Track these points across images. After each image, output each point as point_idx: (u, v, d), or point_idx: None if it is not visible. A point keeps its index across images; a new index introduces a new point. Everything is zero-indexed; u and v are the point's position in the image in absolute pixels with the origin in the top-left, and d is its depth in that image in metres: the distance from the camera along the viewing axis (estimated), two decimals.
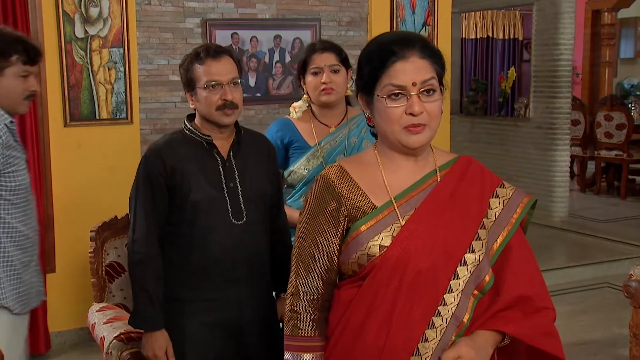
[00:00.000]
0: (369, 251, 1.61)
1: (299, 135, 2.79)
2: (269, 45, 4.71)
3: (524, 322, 1.62)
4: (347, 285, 1.67)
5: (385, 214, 1.63)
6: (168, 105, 4.43)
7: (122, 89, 4.19)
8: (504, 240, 1.67)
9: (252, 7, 4.64)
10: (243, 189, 2.35)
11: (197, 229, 2.30)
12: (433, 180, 1.68)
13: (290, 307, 1.69)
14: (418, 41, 1.64)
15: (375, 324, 1.59)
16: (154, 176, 2.29)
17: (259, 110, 4.74)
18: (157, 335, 2.28)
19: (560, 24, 6.58)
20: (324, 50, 2.72)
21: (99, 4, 4.08)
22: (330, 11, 4.88)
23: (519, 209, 1.70)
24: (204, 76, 2.30)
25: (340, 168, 1.71)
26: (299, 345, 1.67)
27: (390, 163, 1.69)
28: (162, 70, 4.37)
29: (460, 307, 1.60)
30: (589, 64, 10.23)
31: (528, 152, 6.95)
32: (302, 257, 1.70)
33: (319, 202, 1.69)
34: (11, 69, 2.32)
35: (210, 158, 2.34)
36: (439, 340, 1.59)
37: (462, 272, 1.61)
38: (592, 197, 8.28)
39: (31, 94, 2.38)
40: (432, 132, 1.63)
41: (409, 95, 1.59)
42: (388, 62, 1.61)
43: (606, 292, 5.18)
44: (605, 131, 8.18)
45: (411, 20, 5.06)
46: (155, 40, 4.37)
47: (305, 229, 1.71)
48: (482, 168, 1.73)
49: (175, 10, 4.42)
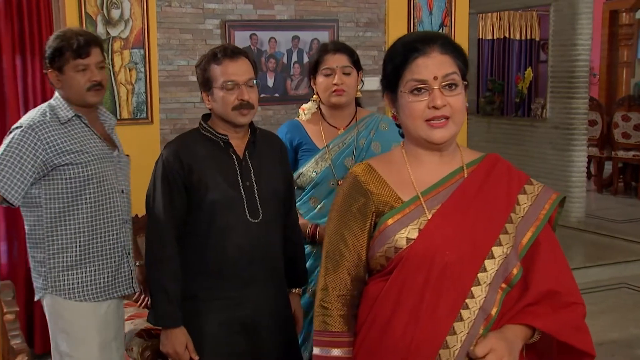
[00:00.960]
0: (396, 244, 1.61)
1: (307, 137, 2.76)
2: (287, 46, 4.71)
3: (553, 317, 1.61)
4: (375, 280, 1.68)
5: (412, 208, 1.64)
6: (187, 105, 4.44)
7: (143, 90, 4.21)
8: (532, 236, 1.66)
9: (270, 8, 4.63)
10: (259, 188, 2.35)
11: (214, 228, 2.30)
12: (460, 177, 1.68)
13: (320, 302, 1.70)
14: (439, 38, 1.65)
15: (402, 317, 1.59)
16: (172, 175, 2.29)
17: (277, 111, 4.73)
18: (177, 332, 2.29)
19: (578, 25, 6.51)
20: (336, 52, 2.69)
21: (120, 5, 4.10)
22: (348, 12, 4.86)
23: (547, 205, 1.69)
24: (221, 76, 2.30)
25: (368, 165, 1.73)
26: (328, 340, 1.68)
27: (417, 160, 1.70)
28: (181, 71, 4.39)
29: (488, 300, 1.59)
30: (607, 64, 10.11)
31: (545, 153, 6.88)
32: (331, 253, 1.71)
33: (347, 199, 1.71)
34: (68, 66, 2.41)
35: (227, 157, 2.34)
36: (467, 334, 1.58)
37: (490, 265, 1.60)
38: (609, 198, 8.19)
39: (93, 84, 2.42)
40: (455, 126, 1.64)
41: (430, 90, 1.61)
42: (410, 58, 1.62)
43: (623, 293, 5.13)
44: (623, 131, 8.09)
45: (428, 21, 5.03)
46: (175, 41, 4.38)
47: (334, 225, 1.72)
48: (509, 166, 1.74)
49: (195, 12, 4.43)
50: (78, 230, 2.42)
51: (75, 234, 2.42)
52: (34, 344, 4.02)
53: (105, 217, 2.46)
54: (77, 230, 2.42)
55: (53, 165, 2.37)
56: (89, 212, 2.43)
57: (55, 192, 2.40)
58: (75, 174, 2.39)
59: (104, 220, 2.46)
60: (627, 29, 9.88)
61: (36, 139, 2.35)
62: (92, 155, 2.43)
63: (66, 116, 2.43)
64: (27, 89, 3.97)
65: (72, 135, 2.43)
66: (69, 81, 2.43)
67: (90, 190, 2.42)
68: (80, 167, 2.40)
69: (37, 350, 4.01)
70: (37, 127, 2.38)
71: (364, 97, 2.89)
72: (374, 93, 4.85)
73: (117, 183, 2.51)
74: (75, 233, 2.42)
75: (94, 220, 2.44)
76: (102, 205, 2.45)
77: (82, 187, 2.41)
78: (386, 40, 4.96)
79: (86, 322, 2.45)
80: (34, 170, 2.35)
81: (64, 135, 2.41)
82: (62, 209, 2.41)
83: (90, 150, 2.43)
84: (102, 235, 2.46)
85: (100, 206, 2.45)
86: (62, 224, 2.42)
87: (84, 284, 2.44)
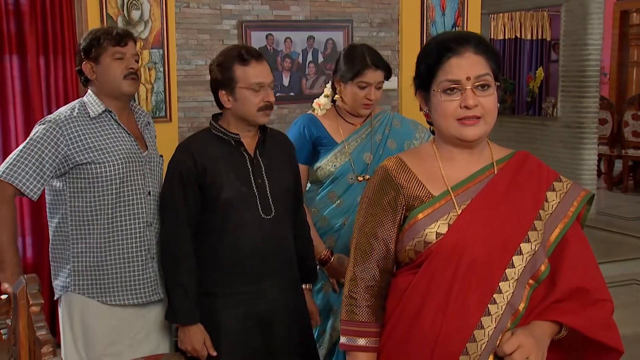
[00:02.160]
0: (426, 238, 1.61)
1: (325, 132, 2.74)
2: (303, 46, 4.71)
3: (581, 313, 1.60)
4: (404, 273, 1.68)
5: (442, 203, 1.63)
6: (205, 104, 4.45)
7: (162, 89, 4.23)
8: (560, 232, 1.65)
9: (286, 9, 4.64)
10: (271, 185, 2.36)
11: (228, 225, 2.31)
12: (490, 173, 1.68)
13: (348, 293, 1.70)
14: (473, 38, 1.64)
15: (431, 310, 1.59)
16: (187, 175, 2.29)
17: (292, 109, 4.74)
18: (195, 329, 2.29)
19: (589, 25, 6.46)
20: (377, 68, 2.64)
21: (140, 7, 4.12)
22: (362, 13, 4.85)
23: (576, 203, 1.68)
24: (250, 77, 2.29)
25: (399, 159, 1.72)
26: (355, 330, 1.68)
27: (447, 155, 1.69)
28: (199, 70, 4.40)
29: (515, 296, 1.59)
30: (617, 63, 10.02)
31: (556, 151, 6.84)
32: (360, 245, 1.71)
33: (377, 192, 1.70)
34: (105, 54, 2.40)
35: (239, 156, 2.35)
36: (495, 328, 1.57)
37: (518, 261, 1.60)
38: (619, 195, 8.13)
39: (130, 72, 2.42)
40: (487, 126, 1.63)
41: (463, 90, 1.60)
42: (443, 58, 1.62)
43: (634, 289, 5.10)
44: (633, 130, 8.03)
45: (441, 22, 5.01)
46: (193, 41, 4.40)
47: (364, 217, 1.72)
48: (539, 163, 1.73)
49: (213, 13, 4.44)
50: (102, 230, 2.38)
51: (99, 234, 2.38)
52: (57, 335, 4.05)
53: (129, 219, 2.40)
54: (101, 230, 2.38)
55: (75, 162, 2.34)
56: (112, 212, 2.38)
57: (79, 190, 2.37)
58: (98, 173, 2.35)
59: (127, 221, 2.40)
60: (637, 29, 9.80)
61: (59, 134, 2.33)
62: (118, 154, 2.39)
63: (96, 111, 2.41)
64: (50, 88, 4.00)
65: (99, 131, 2.39)
66: (106, 70, 2.41)
67: (114, 190, 2.37)
68: (104, 167, 2.36)
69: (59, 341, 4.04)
70: (61, 122, 2.36)
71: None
72: (388, 92, 4.86)
73: (144, 184, 2.45)
74: (99, 233, 2.38)
75: (117, 221, 2.39)
76: (125, 206, 2.40)
77: (105, 187, 2.36)
78: (399, 40, 4.95)
79: (103, 325, 2.42)
80: (54, 166, 2.33)
81: (91, 131, 2.38)
82: (86, 207, 2.37)
83: (116, 149, 2.39)
84: (124, 237, 2.40)
85: (124, 207, 2.39)
86: (87, 223, 2.38)
87: (106, 286, 2.40)
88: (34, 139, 2.34)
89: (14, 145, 3.93)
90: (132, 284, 2.43)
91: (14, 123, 3.94)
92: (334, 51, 4.72)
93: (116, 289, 2.41)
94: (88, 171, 2.36)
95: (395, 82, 4.93)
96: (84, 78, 2.47)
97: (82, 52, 2.43)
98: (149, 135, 2.57)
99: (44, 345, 1.44)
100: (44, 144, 2.32)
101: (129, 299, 2.43)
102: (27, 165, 2.30)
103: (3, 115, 3.93)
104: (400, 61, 4.95)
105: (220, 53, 2.39)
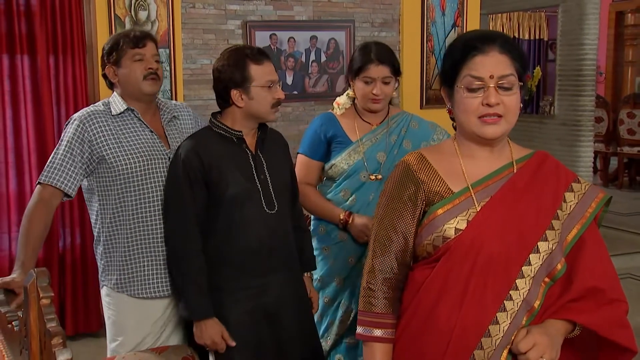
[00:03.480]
0: (445, 233, 1.60)
1: (341, 130, 2.73)
2: (306, 45, 4.70)
3: (596, 313, 1.58)
4: (421, 267, 1.67)
5: (462, 199, 1.62)
6: (210, 102, 4.44)
7: (168, 87, 4.23)
8: (578, 233, 1.64)
9: (289, 9, 4.63)
10: (272, 181, 2.36)
11: (234, 222, 2.30)
12: (509, 172, 1.67)
13: (366, 284, 1.69)
14: (499, 37, 1.63)
15: (447, 304, 1.58)
16: (193, 173, 2.28)
17: (295, 107, 4.74)
18: (211, 323, 2.29)
19: (585, 25, 6.45)
20: (380, 63, 2.61)
21: (147, 7, 4.12)
22: (364, 13, 4.85)
23: (594, 204, 1.67)
24: (266, 75, 2.30)
25: (420, 155, 1.71)
26: (371, 321, 1.67)
27: (468, 152, 1.68)
28: (205, 69, 4.40)
29: (531, 293, 1.58)
30: (613, 63, 10.01)
31: (553, 148, 6.82)
32: (380, 238, 1.70)
33: (398, 186, 1.69)
34: (125, 57, 2.40)
35: (242, 153, 2.35)
36: (510, 324, 1.56)
37: (534, 259, 1.59)
38: (615, 192, 8.11)
39: (149, 72, 2.41)
40: (508, 124, 1.62)
41: (486, 88, 1.59)
42: (469, 56, 1.61)
43: (629, 283, 5.09)
44: (628, 128, 8.02)
45: (441, 22, 5.00)
46: (198, 41, 4.40)
47: (384, 211, 1.71)
48: (557, 163, 1.71)
49: (218, 13, 4.43)
50: (127, 225, 2.38)
51: (125, 230, 2.38)
52: (66, 327, 4.08)
53: (152, 214, 2.39)
54: (126, 225, 2.38)
55: (99, 156, 2.34)
56: (135, 207, 2.37)
57: (106, 186, 2.37)
58: (121, 168, 2.35)
59: (150, 217, 2.39)
60: (632, 29, 9.80)
61: (84, 130, 2.35)
62: (140, 151, 2.38)
63: (119, 109, 2.41)
64: (59, 86, 4.01)
65: (121, 128, 2.40)
66: (127, 72, 2.41)
67: (137, 186, 2.37)
68: (125, 162, 2.35)
69: (68, 332, 4.07)
70: (85, 118, 2.38)
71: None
72: None
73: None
74: (125, 228, 2.38)
75: (141, 217, 2.38)
76: (148, 202, 2.39)
77: (128, 183, 2.36)
78: (400, 40, 4.94)
79: (129, 318, 2.43)
80: (84, 160, 2.34)
81: (113, 127, 2.38)
82: (112, 205, 2.38)
83: (137, 146, 2.39)
84: (149, 232, 2.39)
85: (146, 202, 2.38)
86: (114, 220, 2.38)
87: (134, 279, 2.40)
88: (62, 139, 2.37)
89: (25, 141, 3.94)
90: (157, 277, 2.43)
91: (24, 121, 3.95)
92: (336, 51, 4.72)
93: (142, 283, 2.41)
94: (111, 167, 2.35)
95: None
96: (108, 82, 2.48)
97: (104, 56, 2.45)
98: (175, 130, 2.53)
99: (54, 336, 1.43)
100: (72, 141, 2.35)
101: (155, 293, 2.43)
102: (60, 163, 2.32)
103: (15, 113, 3.93)
104: (401, 60, 4.94)
105: (224, 54, 2.35)
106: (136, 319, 2.43)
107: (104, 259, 2.44)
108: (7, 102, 3.91)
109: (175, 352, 2.41)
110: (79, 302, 4.16)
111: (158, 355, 2.36)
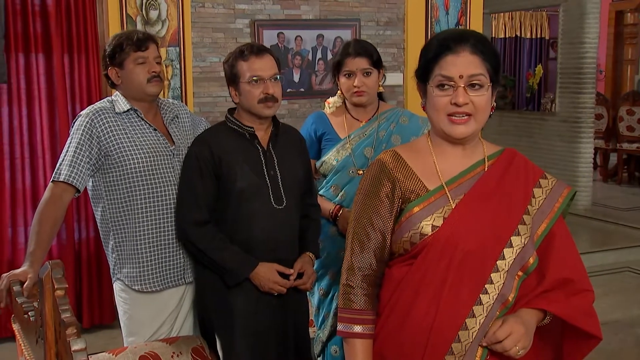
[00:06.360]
0: (422, 230, 1.60)
1: (331, 128, 2.73)
2: (312, 43, 4.70)
3: (565, 302, 1.60)
4: (398, 264, 1.66)
5: (437, 197, 1.62)
6: (219, 99, 4.45)
7: (178, 85, 4.23)
8: (547, 227, 1.65)
9: (296, 8, 4.63)
10: (282, 176, 2.36)
11: (241, 215, 2.31)
12: (481, 169, 1.67)
13: (345, 281, 1.68)
14: (472, 37, 1.62)
15: (425, 300, 1.58)
16: (204, 166, 2.29)
17: (302, 104, 4.73)
18: (262, 269, 2.29)
19: (586, 24, 6.42)
20: (356, 55, 2.61)
21: (158, 7, 4.11)
22: (369, 12, 4.84)
23: (561, 199, 1.68)
24: (247, 72, 2.30)
25: (395, 153, 1.70)
26: (351, 317, 1.66)
27: (441, 150, 1.68)
28: (214, 67, 4.40)
29: (506, 286, 1.59)
30: (612, 61, 9.96)
31: (554, 145, 6.81)
32: (358, 235, 1.68)
33: (374, 184, 1.68)
34: (128, 60, 2.39)
35: (253, 148, 2.35)
36: (486, 316, 1.57)
37: (508, 254, 1.59)
38: (614, 187, 8.10)
39: (153, 75, 2.41)
40: (477, 124, 1.62)
41: (455, 87, 1.58)
42: (441, 55, 1.61)
43: (627, 276, 5.09)
44: (628, 125, 7.99)
45: (445, 21, 4.98)
46: (208, 39, 4.39)
47: (360, 208, 1.69)
48: (525, 160, 1.72)
49: (227, 12, 4.43)
50: (135, 221, 2.37)
51: (133, 225, 2.37)
52: (82, 319, 4.09)
53: (159, 210, 2.38)
54: (134, 221, 2.37)
55: (107, 152, 2.34)
56: (143, 204, 2.36)
57: (112, 184, 2.36)
58: (127, 165, 2.34)
59: (157, 212, 2.38)
60: (631, 28, 9.74)
61: (92, 126, 2.34)
62: (144, 148, 2.38)
63: (122, 108, 2.40)
64: (74, 85, 4.01)
65: (126, 126, 2.39)
66: (130, 75, 2.39)
67: (143, 182, 2.36)
68: (131, 158, 2.35)
69: (84, 325, 4.08)
70: (92, 113, 2.38)
71: (384, 91, 2.87)
72: (394, 88, 4.84)
73: (174, 176, 2.41)
74: (133, 224, 2.37)
75: (147, 212, 2.37)
76: (155, 198, 2.38)
77: (134, 179, 2.35)
78: (405, 38, 4.93)
79: (143, 312, 2.43)
80: (92, 155, 2.33)
81: (118, 124, 2.38)
82: (120, 200, 2.37)
83: (142, 143, 2.38)
84: (156, 227, 2.39)
85: (154, 198, 2.38)
86: (122, 216, 2.38)
87: (142, 273, 2.39)
88: (75, 137, 2.35)
89: (39, 138, 3.95)
90: (164, 270, 2.42)
91: (39, 118, 3.95)
92: None
93: (155, 274, 2.41)
94: (119, 162, 2.35)
95: (401, 79, 4.92)
96: (110, 82, 2.47)
97: (106, 58, 2.43)
98: (176, 128, 2.53)
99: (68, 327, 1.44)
100: (84, 138, 2.34)
101: (168, 282, 2.43)
102: (69, 158, 2.31)
103: (30, 111, 3.94)
104: (405, 58, 4.94)
105: (228, 54, 2.41)
106: (151, 312, 2.44)
107: (115, 254, 2.43)
108: (22, 100, 3.91)
109: (186, 342, 2.41)
110: (94, 294, 4.16)
111: (169, 346, 2.36)
